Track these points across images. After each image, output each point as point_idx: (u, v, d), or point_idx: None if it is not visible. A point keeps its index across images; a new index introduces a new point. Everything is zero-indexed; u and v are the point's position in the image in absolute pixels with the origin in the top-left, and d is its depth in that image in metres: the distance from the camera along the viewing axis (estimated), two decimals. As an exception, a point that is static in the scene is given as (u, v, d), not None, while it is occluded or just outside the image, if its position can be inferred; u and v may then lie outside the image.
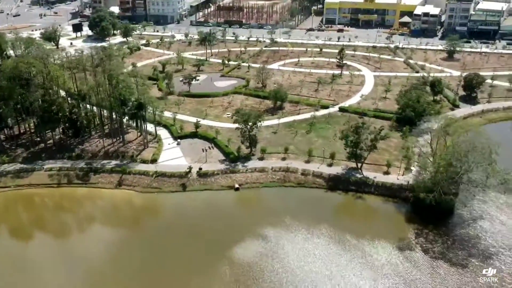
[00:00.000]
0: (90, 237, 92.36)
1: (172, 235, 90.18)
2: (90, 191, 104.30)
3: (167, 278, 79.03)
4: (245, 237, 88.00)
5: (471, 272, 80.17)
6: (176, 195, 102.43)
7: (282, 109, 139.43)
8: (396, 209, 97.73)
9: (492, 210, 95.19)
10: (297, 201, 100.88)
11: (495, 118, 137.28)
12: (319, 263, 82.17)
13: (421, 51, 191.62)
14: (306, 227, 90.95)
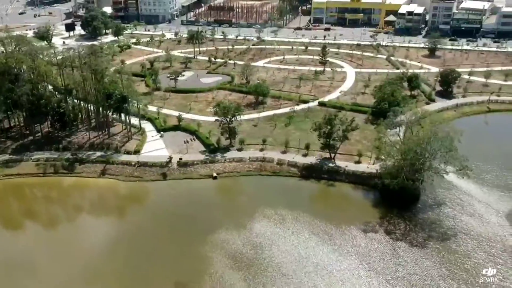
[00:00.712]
0: (74, 222, 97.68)
1: (152, 220, 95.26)
2: (75, 180, 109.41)
3: (152, 260, 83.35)
4: (221, 222, 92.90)
5: (431, 252, 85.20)
6: (156, 184, 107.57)
7: (264, 103, 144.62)
8: (365, 195, 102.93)
9: (455, 197, 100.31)
10: (272, 189, 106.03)
11: (469, 111, 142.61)
12: (289, 246, 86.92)
13: (404, 48, 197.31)
14: (278, 213, 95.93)
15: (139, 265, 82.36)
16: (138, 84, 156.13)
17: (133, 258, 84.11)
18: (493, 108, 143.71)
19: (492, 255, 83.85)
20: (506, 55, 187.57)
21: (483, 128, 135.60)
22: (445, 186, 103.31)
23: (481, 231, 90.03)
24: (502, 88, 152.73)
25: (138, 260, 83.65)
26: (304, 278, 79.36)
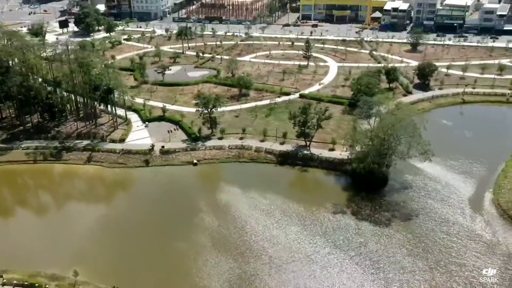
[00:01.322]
0: (61, 206, 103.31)
1: (135, 203, 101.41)
2: (62, 166, 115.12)
3: (136, 242, 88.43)
4: (199, 205, 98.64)
5: (393, 231, 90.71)
6: (139, 170, 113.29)
7: (247, 96, 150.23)
8: (336, 180, 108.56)
9: (421, 182, 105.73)
10: (248, 174, 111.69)
11: (444, 103, 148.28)
12: (261, 226, 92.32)
13: (388, 44, 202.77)
14: (253, 196, 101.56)
15: (124, 246, 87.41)
16: (127, 78, 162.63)
17: (118, 240, 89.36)
18: (468, 100, 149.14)
19: (449, 234, 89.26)
20: (485, 49, 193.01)
21: (456, 118, 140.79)
22: (413, 172, 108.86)
23: (443, 213, 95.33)
24: (478, 81, 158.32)
25: (123, 241, 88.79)
26: (274, 254, 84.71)
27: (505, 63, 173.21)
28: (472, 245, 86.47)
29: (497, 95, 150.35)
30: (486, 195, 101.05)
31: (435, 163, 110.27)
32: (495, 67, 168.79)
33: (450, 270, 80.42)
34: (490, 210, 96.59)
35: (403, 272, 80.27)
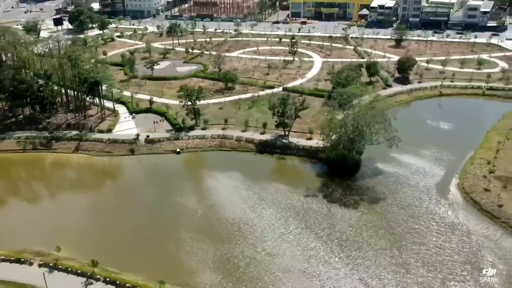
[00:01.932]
0: (50, 191, 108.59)
1: (119, 188, 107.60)
2: (51, 155, 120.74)
3: (121, 225, 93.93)
4: (182, 190, 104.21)
5: (360, 214, 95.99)
6: (125, 158, 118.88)
7: (232, 89, 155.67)
8: (311, 166, 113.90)
9: (392, 169, 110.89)
10: (229, 162, 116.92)
11: (422, 95, 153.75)
12: (239, 210, 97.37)
13: (373, 40, 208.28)
14: (233, 182, 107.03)
15: (106, 226, 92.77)
16: (117, 72, 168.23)
17: (100, 221, 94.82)
18: (445, 93, 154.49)
19: (413, 216, 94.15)
20: (467, 45, 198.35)
21: (432, 110, 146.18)
22: (386, 160, 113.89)
23: (410, 197, 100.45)
24: (456, 75, 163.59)
25: (106, 222, 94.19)
26: (250, 235, 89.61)
27: (484, 57, 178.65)
28: (434, 226, 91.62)
29: (474, 88, 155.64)
30: (453, 181, 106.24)
31: (408, 151, 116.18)
32: (474, 61, 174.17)
33: (411, 248, 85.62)
34: (455, 194, 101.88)
35: (367, 250, 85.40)
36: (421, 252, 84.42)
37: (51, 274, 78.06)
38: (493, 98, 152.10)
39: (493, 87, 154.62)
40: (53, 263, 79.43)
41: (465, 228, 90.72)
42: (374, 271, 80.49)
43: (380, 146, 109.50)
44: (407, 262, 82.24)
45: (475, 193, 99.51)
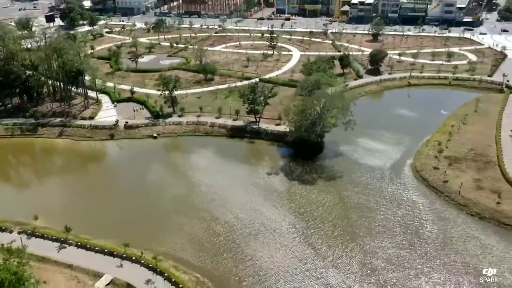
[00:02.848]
0: (35, 172, 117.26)
1: (100, 170, 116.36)
2: (36, 140, 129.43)
3: (98, 196, 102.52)
4: (157, 170, 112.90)
5: (317, 190, 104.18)
6: (105, 142, 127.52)
7: (211, 80, 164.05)
8: (278, 149, 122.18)
9: (353, 152, 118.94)
10: (202, 145, 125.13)
11: (390, 85, 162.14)
12: (204, 188, 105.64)
13: (351, 35, 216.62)
14: (204, 163, 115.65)
15: (82, 200, 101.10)
16: (103, 65, 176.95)
17: (78, 196, 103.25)
18: (413, 83, 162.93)
19: (365, 194, 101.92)
20: (441, 39, 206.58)
21: (398, 99, 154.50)
22: (349, 143, 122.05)
23: (365, 176, 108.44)
24: (426, 67, 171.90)
25: (82, 197, 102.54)
26: (217, 210, 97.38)
27: (454, 51, 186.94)
28: (383, 201, 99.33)
29: (441, 78, 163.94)
30: (407, 161, 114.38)
31: (370, 136, 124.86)
32: (444, 54, 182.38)
33: (360, 220, 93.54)
34: (407, 172, 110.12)
35: (320, 222, 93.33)
36: (368, 223, 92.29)
37: (29, 240, 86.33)
38: (459, 88, 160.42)
39: (459, 77, 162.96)
40: (31, 231, 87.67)
41: (411, 202, 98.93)
42: (325, 239, 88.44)
43: (345, 131, 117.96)
44: (354, 232, 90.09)
45: (424, 171, 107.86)
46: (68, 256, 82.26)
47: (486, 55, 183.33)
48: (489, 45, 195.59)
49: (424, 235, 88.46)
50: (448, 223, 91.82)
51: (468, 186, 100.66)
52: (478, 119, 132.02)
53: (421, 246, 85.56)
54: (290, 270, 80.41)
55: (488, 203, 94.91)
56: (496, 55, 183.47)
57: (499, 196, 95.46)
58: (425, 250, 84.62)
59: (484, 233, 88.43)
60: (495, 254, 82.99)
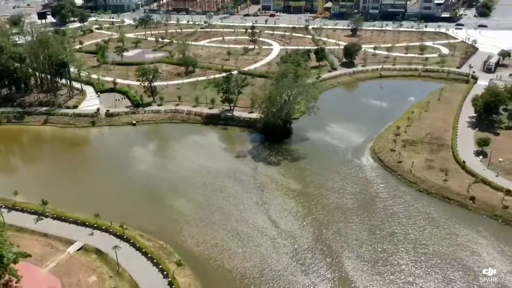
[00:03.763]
0: (20, 156, 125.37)
1: (82, 154, 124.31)
2: (23, 127, 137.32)
3: (77, 175, 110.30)
4: (136, 152, 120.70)
5: (283, 170, 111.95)
6: (86, 129, 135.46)
7: (192, 72, 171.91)
8: (248, 134, 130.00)
9: (318, 137, 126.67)
10: (178, 131, 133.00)
11: (363, 77, 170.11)
12: (175, 166, 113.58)
13: (332, 30, 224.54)
14: (178, 147, 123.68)
15: (63, 180, 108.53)
16: (90, 59, 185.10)
17: (57, 174, 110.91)
18: (384, 74, 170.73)
19: (325, 173, 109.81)
20: (417, 34, 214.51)
21: (369, 89, 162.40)
22: (317, 129, 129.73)
23: (327, 157, 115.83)
24: (398, 59, 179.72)
25: (62, 176, 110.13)
26: (185, 188, 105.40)
27: (428, 44, 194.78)
28: (340, 180, 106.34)
29: (411, 70, 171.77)
30: (368, 145, 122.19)
31: (338, 123, 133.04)
32: (418, 48, 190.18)
33: (316, 196, 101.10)
34: (366, 155, 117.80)
35: (279, 196, 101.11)
36: (323, 199, 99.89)
37: (9, 213, 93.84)
38: (428, 79, 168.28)
39: (428, 69, 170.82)
40: (11, 205, 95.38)
41: (366, 181, 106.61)
42: (281, 212, 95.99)
43: (314, 118, 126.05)
44: (309, 207, 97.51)
45: (381, 153, 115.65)
46: (44, 227, 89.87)
47: (458, 48, 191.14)
48: (462, 39, 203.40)
49: (374, 210, 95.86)
50: (397, 199, 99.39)
51: (420, 165, 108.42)
52: (440, 107, 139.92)
53: (370, 219, 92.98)
54: (245, 237, 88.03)
55: (435, 180, 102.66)
56: (468, 49, 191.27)
57: (446, 174, 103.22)
58: (373, 223, 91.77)
59: (429, 207, 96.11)
60: (437, 224, 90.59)
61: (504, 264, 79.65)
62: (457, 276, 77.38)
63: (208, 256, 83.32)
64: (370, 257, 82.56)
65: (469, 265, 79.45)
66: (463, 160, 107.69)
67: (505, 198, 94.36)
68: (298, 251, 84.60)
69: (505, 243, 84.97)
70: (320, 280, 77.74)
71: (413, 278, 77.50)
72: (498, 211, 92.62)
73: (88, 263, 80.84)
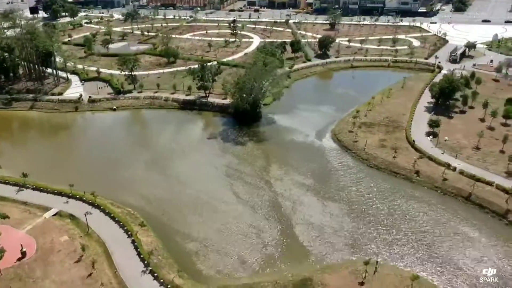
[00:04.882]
0: (7, 138, 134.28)
1: (61, 132, 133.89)
2: (10, 112, 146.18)
3: (61, 154, 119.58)
4: (112, 132, 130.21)
5: (245, 148, 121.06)
6: (70, 114, 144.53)
7: (174, 63, 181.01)
8: (220, 119, 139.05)
9: (285, 121, 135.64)
10: (155, 116, 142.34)
11: (335, 67, 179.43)
12: (151, 144, 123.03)
13: (311, 24, 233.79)
14: (155, 129, 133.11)
15: (44, 157, 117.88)
16: (78, 51, 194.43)
17: (40, 153, 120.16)
18: (356, 65, 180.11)
19: (287, 151, 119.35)
20: (393, 27, 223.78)
21: (340, 79, 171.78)
22: (286, 114, 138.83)
23: (291, 138, 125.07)
24: (370, 51, 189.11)
25: (44, 154, 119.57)
26: (162, 165, 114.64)
27: (401, 37, 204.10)
28: (300, 157, 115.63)
29: (381, 61, 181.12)
30: (330, 128, 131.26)
31: (305, 109, 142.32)
32: (391, 40, 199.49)
33: (279, 170, 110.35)
34: (327, 136, 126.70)
35: (244, 171, 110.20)
36: (283, 174, 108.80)
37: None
38: (396, 69, 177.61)
39: (397, 60, 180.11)
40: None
41: (324, 158, 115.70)
42: (244, 185, 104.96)
43: (285, 104, 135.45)
44: (269, 181, 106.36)
45: (340, 134, 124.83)
46: (24, 197, 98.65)
47: (429, 41, 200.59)
48: (435, 33, 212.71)
49: (327, 182, 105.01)
50: (349, 173, 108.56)
51: (374, 144, 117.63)
52: (402, 94, 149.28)
53: (323, 191, 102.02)
54: (205, 204, 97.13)
55: (386, 157, 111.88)
56: (438, 41, 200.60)
57: (395, 152, 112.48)
58: (327, 195, 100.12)
59: (377, 180, 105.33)
60: (383, 195, 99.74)
61: (437, 229, 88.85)
62: (392, 228, 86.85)
63: (171, 221, 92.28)
64: (318, 218, 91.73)
65: (406, 225, 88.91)
66: (413, 139, 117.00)
67: (445, 171, 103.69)
68: (256, 217, 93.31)
69: (442, 210, 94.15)
70: (271, 239, 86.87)
71: (352, 234, 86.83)
72: (438, 183, 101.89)
73: (62, 226, 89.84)
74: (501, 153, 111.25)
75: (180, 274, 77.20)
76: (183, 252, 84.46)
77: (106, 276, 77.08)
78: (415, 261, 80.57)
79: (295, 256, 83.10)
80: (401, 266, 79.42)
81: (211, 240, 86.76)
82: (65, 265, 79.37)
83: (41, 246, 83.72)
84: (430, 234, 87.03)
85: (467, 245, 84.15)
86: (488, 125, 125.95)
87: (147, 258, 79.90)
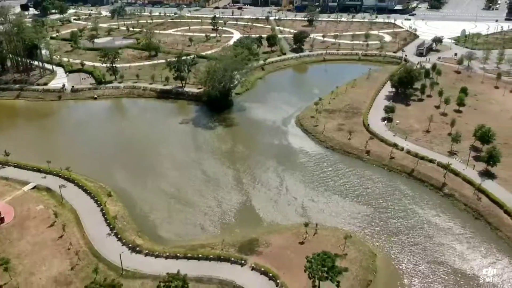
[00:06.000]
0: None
1: (46, 118, 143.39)
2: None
3: (43, 136, 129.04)
4: (92, 119, 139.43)
5: (219, 133, 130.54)
6: (53, 102, 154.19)
7: (155, 56, 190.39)
8: (194, 106, 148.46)
9: (257, 109, 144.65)
10: (133, 103, 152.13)
11: (307, 61, 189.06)
12: (128, 130, 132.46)
13: (291, 21, 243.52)
14: (132, 114, 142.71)
15: (26, 139, 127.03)
16: (65, 46, 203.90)
17: (23, 135, 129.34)
18: (328, 58, 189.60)
19: (253, 135, 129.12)
20: (368, 24, 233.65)
21: (311, 71, 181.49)
22: (256, 102, 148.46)
23: (258, 125, 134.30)
24: (343, 46, 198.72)
25: (27, 137, 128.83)
26: (135, 145, 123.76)
27: (373, 33, 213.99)
28: (265, 140, 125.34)
29: (352, 55, 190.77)
30: (296, 114, 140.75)
31: (275, 98, 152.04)
32: (363, 36, 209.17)
33: (243, 150, 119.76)
34: (292, 122, 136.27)
35: (212, 153, 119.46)
36: (247, 155, 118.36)
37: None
38: (366, 62, 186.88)
39: (367, 53, 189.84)
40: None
41: (286, 141, 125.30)
42: (212, 164, 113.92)
43: (256, 94, 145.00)
44: (233, 160, 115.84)
45: (303, 120, 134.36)
46: (6, 173, 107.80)
47: (400, 36, 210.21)
48: (407, 29, 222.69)
49: (286, 162, 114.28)
50: (307, 154, 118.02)
51: (332, 128, 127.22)
52: (366, 84, 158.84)
53: (281, 169, 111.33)
54: (174, 179, 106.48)
55: (341, 139, 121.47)
56: (409, 36, 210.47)
57: (350, 134, 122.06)
58: (284, 172, 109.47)
59: (331, 158, 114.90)
60: (337, 168, 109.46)
61: (381, 199, 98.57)
62: (338, 197, 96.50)
63: (138, 194, 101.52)
64: (274, 192, 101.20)
65: (354, 199, 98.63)
66: (368, 123, 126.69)
67: (393, 151, 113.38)
68: (219, 192, 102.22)
69: (386, 184, 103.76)
70: (230, 208, 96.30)
71: (302, 204, 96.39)
72: (385, 161, 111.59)
73: (38, 197, 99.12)
74: (448, 136, 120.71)
75: (140, 235, 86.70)
76: (148, 220, 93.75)
77: (75, 237, 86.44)
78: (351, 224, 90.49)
79: (250, 223, 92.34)
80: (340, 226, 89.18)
81: (175, 211, 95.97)
82: (39, 229, 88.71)
83: (19, 214, 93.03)
84: (374, 205, 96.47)
85: (406, 214, 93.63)
86: (442, 112, 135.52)
87: (112, 223, 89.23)
